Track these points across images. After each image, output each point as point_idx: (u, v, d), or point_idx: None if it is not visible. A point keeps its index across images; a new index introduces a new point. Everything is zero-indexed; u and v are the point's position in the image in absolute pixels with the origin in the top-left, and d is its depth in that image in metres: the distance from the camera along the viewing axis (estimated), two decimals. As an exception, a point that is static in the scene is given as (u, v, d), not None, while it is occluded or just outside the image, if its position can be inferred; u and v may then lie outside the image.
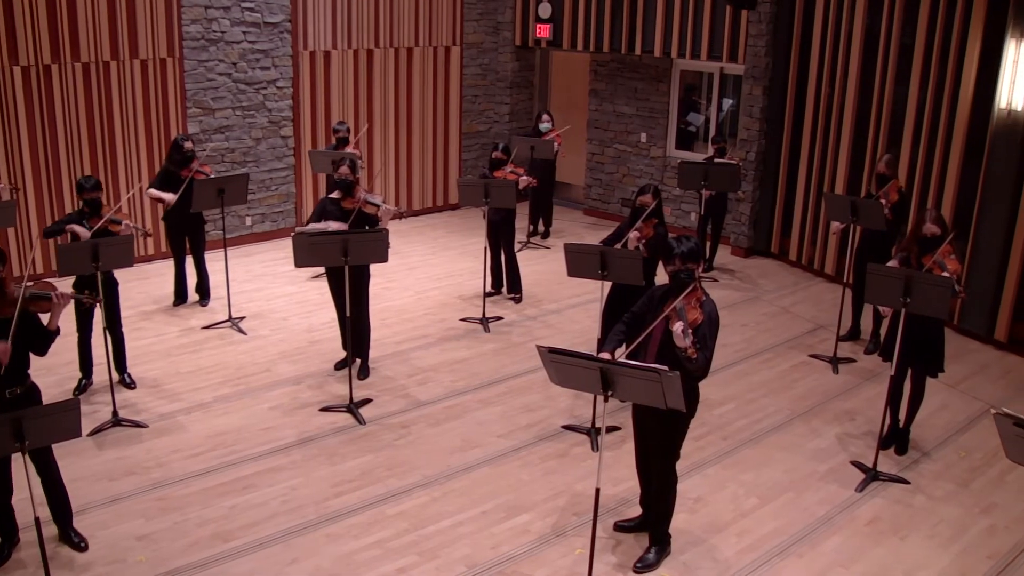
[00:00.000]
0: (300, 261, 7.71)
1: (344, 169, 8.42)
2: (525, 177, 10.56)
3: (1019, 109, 9.61)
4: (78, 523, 6.29)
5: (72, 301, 6.52)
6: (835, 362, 9.55)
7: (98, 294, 7.36)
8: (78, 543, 6.15)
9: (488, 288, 10.81)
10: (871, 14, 11.39)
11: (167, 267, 10.91)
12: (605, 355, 5.71)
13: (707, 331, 5.71)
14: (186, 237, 10.13)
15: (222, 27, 11.90)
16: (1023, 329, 9.92)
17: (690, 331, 5.56)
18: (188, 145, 9.80)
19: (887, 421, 7.60)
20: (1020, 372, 9.61)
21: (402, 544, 6.30)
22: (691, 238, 5.85)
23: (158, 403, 8.16)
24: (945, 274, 7.07)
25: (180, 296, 10.40)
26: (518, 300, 10.97)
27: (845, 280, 9.73)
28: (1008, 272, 9.92)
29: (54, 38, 10.70)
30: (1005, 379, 9.41)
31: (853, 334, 10.18)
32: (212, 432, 7.69)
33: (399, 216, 8.76)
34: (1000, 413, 4.82)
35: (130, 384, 8.40)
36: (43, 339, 5.99)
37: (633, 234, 8.01)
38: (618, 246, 7.81)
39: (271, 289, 11.06)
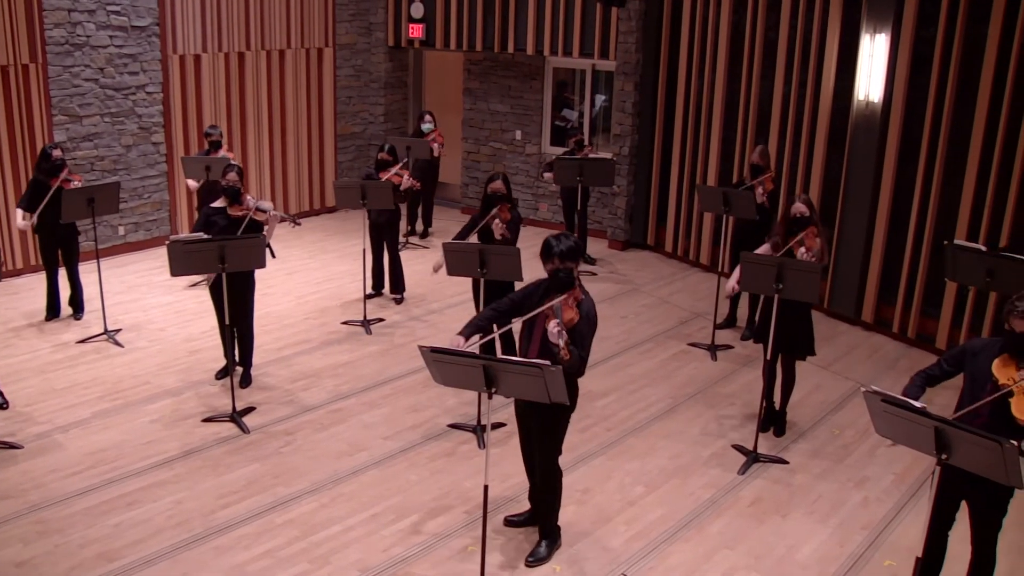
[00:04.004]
0: (176, 270, 7.57)
1: (232, 175, 8.26)
2: (407, 179, 10.56)
3: (876, 101, 10.02)
4: (-48, 550, 6.09)
5: None
6: (713, 349, 9.79)
7: None
8: (-47, 571, 5.95)
9: (368, 290, 10.78)
10: (736, 11, 11.72)
11: (38, 281, 10.58)
12: (459, 339, 5.75)
13: (584, 330, 5.76)
14: (58, 249, 9.83)
15: (87, 31, 11.57)
16: (888, 310, 10.35)
17: (564, 331, 5.58)
18: (56, 153, 9.51)
19: (764, 404, 7.84)
20: (886, 351, 10.02)
21: (293, 552, 6.25)
22: (569, 236, 5.88)
23: (33, 422, 7.90)
24: (803, 249, 7.35)
25: (52, 310, 10.08)
26: (400, 300, 10.96)
27: (720, 269, 9.99)
28: (872, 255, 10.34)
29: (-94, 47, 10.28)
30: (873, 358, 9.79)
31: (729, 322, 10.46)
32: (91, 449, 7.49)
33: (293, 223, 8.63)
34: (869, 391, 5.02)
35: (1, 404, 8.12)
36: None
37: (497, 225, 8.26)
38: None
39: (147, 299, 10.81)
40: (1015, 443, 4.52)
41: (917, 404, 4.88)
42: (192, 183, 11.22)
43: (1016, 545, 6.53)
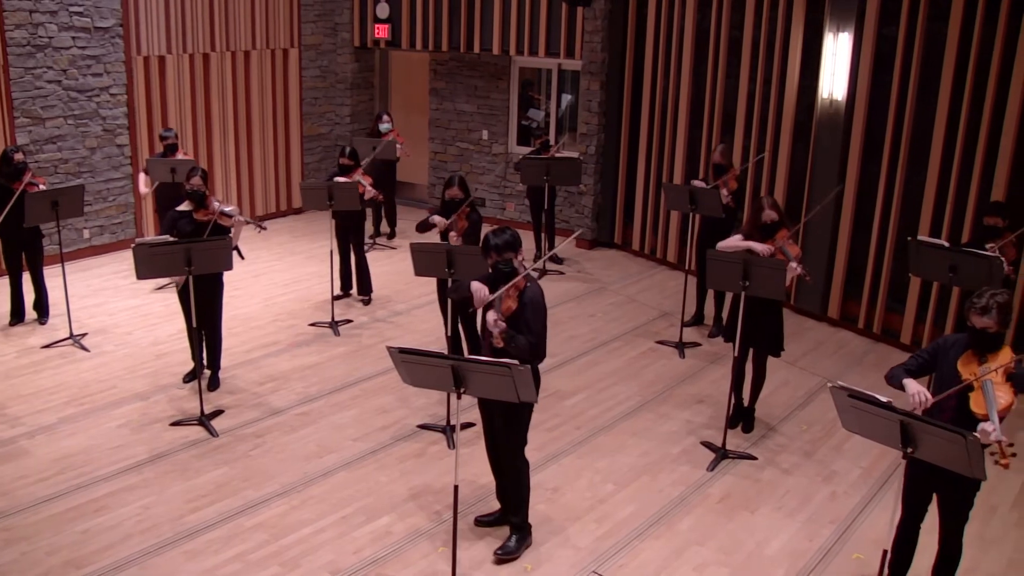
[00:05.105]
0: (142, 273, 7.51)
1: (196, 180, 8.21)
2: (371, 188, 10.53)
3: (840, 98, 10.11)
4: (-83, 559, 6.02)
5: None
6: (681, 347, 9.84)
7: None
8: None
9: (336, 291, 10.76)
10: (701, 10, 11.79)
11: (1, 285, 10.46)
12: (482, 287, 5.90)
13: (529, 315, 5.84)
14: (22, 253, 9.73)
15: (49, 32, 11.46)
16: (854, 306, 10.44)
17: (501, 321, 5.71)
18: (18, 156, 9.41)
19: (733, 401, 7.89)
20: (852, 346, 10.11)
21: (263, 556, 6.23)
22: (507, 229, 5.99)
23: (-2, 428, 7.86)
24: (792, 264, 7.42)
25: (17, 315, 9.99)
26: (367, 302, 10.94)
27: (687, 267, 10.05)
28: (837, 252, 10.44)
29: None
30: (839, 354, 9.88)
31: (697, 319, 10.51)
32: (59, 455, 7.42)
33: (258, 228, 8.60)
34: (835, 386, 5.07)
35: (-34, 409, 8.05)
36: None
37: (452, 237, 8.32)
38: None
39: (113, 303, 10.73)
40: (977, 435, 4.59)
41: (883, 399, 4.94)
42: (143, 187, 11.14)
43: (978, 536, 6.62)
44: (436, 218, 8.61)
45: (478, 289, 5.88)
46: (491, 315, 5.72)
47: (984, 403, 5.02)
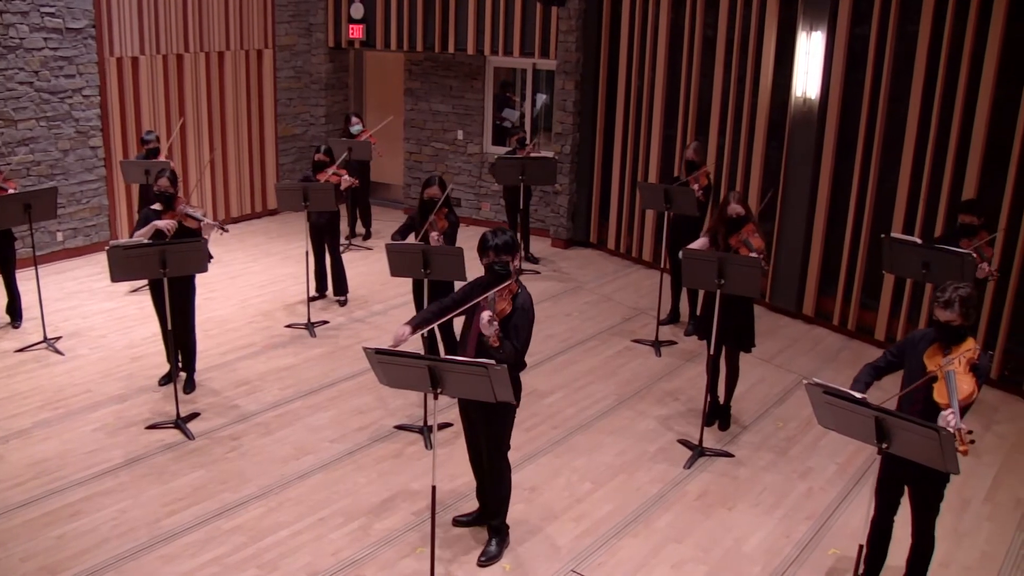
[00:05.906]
0: (116, 275, 7.48)
1: (163, 181, 8.18)
2: (347, 178, 10.56)
3: (813, 97, 10.17)
4: None
5: None
6: (657, 346, 9.87)
7: None
8: None
9: (312, 292, 10.74)
10: (675, 9, 11.84)
11: (-27, 289, 10.40)
12: (406, 328, 5.91)
13: (519, 322, 5.84)
14: (-6, 256, 9.69)
15: (20, 33, 11.36)
16: (828, 303, 10.51)
17: (495, 321, 5.65)
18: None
19: (708, 399, 7.92)
20: (827, 343, 10.17)
21: (241, 559, 6.21)
22: (506, 231, 5.97)
23: (-29, 433, 7.79)
24: (753, 254, 7.46)
25: (-11, 319, 9.95)
26: (344, 303, 10.92)
27: (662, 266, 10.08)
28: (811, 250, 10.50)
29: None
30: (814, 351, 9.94)
31: (672, 318, 10.55)
32: (33, 460, 7.37)
33: (221, 231, 8.57)
34: (811, 383, 5.11)
35: (-61, 415, 7.98)
36: None
37: (433, 237, 8.24)
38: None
39: (87, 306, 10.66)
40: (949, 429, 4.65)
41: (857, 395, 4.98)
42: None
43: (951, 530, 6.68)
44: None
45: (398, 331, 5.90)
46: (486, 314, 5.65)
47: (947, 393, 5.08)
